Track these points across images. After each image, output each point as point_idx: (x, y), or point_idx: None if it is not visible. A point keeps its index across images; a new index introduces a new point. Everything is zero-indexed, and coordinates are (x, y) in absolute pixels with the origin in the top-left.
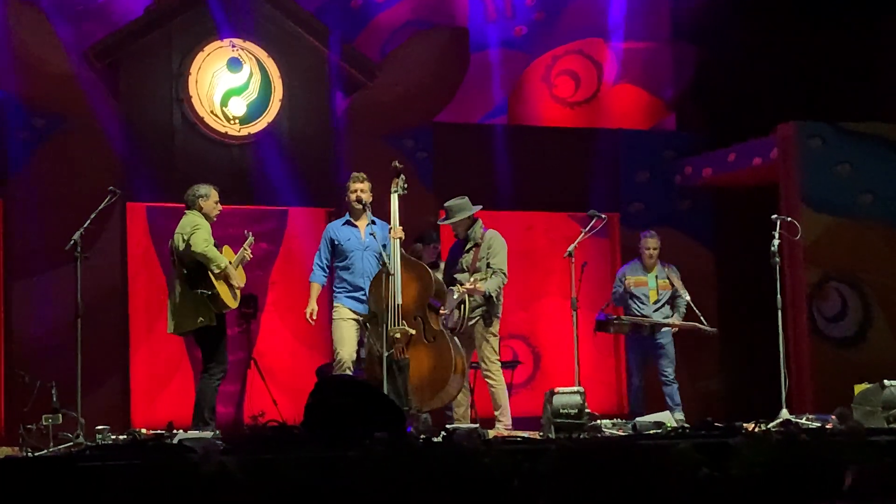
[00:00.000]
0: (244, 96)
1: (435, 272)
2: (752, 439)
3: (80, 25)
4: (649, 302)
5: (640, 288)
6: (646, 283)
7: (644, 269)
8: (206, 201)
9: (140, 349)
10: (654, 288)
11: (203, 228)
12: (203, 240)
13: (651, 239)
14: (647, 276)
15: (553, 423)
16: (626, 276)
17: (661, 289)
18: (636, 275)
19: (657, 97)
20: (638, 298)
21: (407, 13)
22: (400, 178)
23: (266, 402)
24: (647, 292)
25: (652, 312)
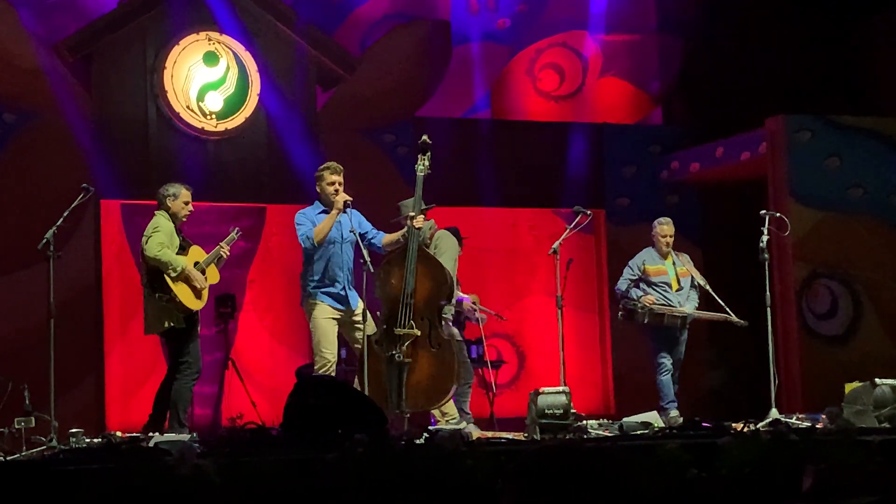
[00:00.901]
0: (221, 91)
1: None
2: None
3: (51, 19)
4: (672, 290)
5: (662, 276)
6: (666, 271)
7: (660, 256)
8: (174, 201)
9: (114, 350)
10: (673, 276)
11: (161, 231)
12: (157, 244)
13: (667, 226)
14: (665, 264)
15: (538, 423)
16: (644, 264)
17: (681, 276)
18: (655, 263)
19: (643, 91)
20: (660, 287)
21: (387, 6)
22: (426, 155)
23: (244, 404)
24: (669, 280)
25: (675, 301)
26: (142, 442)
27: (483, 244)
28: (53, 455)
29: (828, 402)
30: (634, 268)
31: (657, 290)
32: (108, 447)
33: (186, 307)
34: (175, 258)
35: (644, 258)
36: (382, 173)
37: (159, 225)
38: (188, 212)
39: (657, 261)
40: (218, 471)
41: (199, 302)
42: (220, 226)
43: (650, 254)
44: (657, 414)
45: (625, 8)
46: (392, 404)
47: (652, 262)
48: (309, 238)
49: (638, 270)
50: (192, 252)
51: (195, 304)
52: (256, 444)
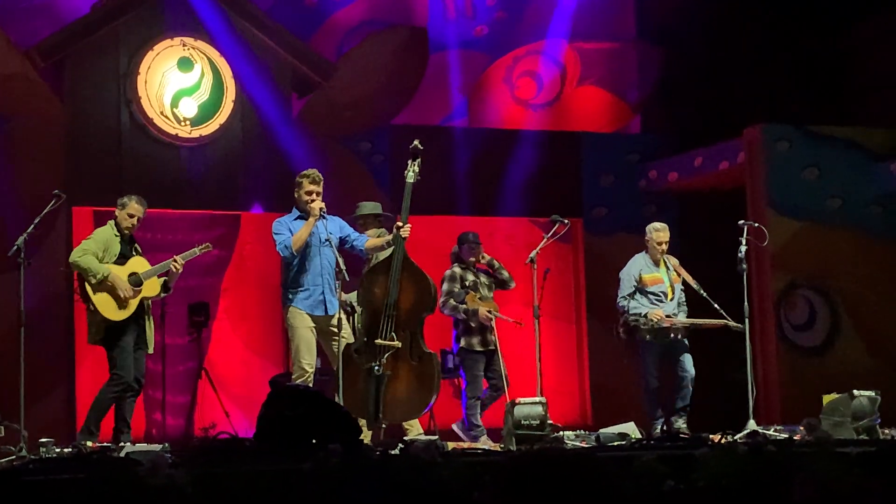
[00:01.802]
0: (195, 97)
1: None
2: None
3: (24, 23)
4: (667, 299)
5: (658, 285)
6: (662, 279)
7: (655, 263)
8: (120, 211)
9: (86, 359)
10: (668, 284)
11: (93, 238)
12: (80, 249)
13: (664, 232)
14: (660, 272)
15: (514, 434)
16: (641, 274)
17: (674, 282)
18: (651, 271)
19: (621, 99)
20: (655, 296)
21: (364, 12)
22: (416, 161)
23: (217, 414)
24: (665, 289)
25: (672, 310)
26: (112, 452)
27: None
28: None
29: (806, 413)
30: (630, 278)
31: (651, 301)
32: (78, 457)
33: (104, 317)
34: (96, 266)
35: (640, 266)
36: (358, 180)
37: (96, 232)
38: (131, 224)
39: (652, 269)
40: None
41: (122, 313)
42: (193, 233)
43: (644, 261)
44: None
45: (604, 16)
46: (369, 415)
47: (647, 270)
48: (287, 247)
49: (634, 281)
50: (132, 263)
51: (116, 314)
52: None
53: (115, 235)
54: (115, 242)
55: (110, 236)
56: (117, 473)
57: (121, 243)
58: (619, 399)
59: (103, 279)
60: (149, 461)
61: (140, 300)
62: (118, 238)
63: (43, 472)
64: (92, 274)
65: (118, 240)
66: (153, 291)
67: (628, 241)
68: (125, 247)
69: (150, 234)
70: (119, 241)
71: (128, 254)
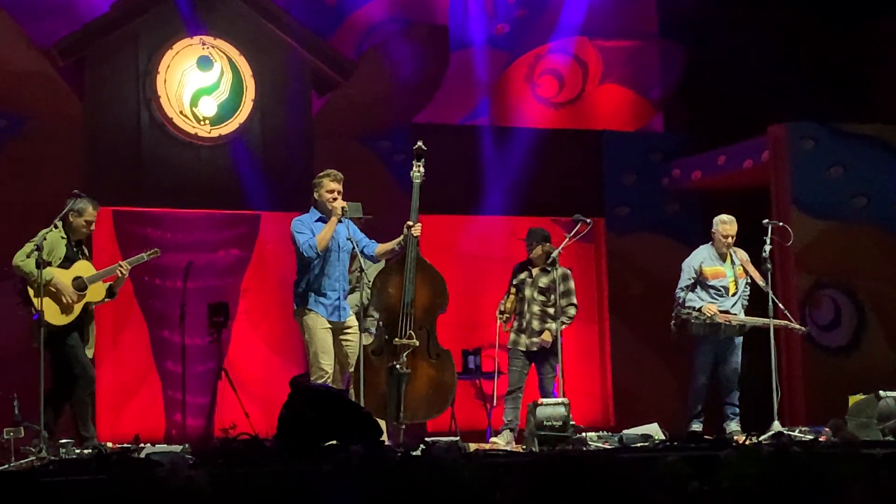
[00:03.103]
0: (215, 96)
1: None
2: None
3: (43, 23)
4: (728, 294)
5: (720, 279)
6: (724, 273)
7: (719, 256)
8: (76, 217)
9: (105, 360)
10: (732, 279)
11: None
12: (21, 253)
13: (730, 224)
14: (724, 266)
15: (536, 435)
16: (702, 265)
17: (739, 277)
18: (714, 264)
19: (644, 97)
20: (716, 291)
21: (384, 10)
22: (420, 161)
23: (237, 414)
24: (727, 284)
25: (731, 306)
26: (132, 453)
27: (481, 252)
28: (43, 466)
29: (831, 414)
30: (690, 270)
31: (712, 295)
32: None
33: (48, 322)
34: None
35: (701, 258)
36: (378, 180)
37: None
38: (85, 233)
39: (715, 261)
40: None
41: (65, 317)
42: (213, 233)
43: (708, 253)
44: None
45: (626, 14)
46: (390, 415)
47: (710, 262)
48: (312, 247)
49: (694, 273)
50: (76, 266)
51: (58, 318)
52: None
53: (62, 238)
54: (60, 245)
55: (56, 239)
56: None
57: (67, 246)
58: (642, 400)
59: (46, 283)
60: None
61: (84, 304)
62: (64, 241)
63: (62, 472)
64: (34, 278)
65: (64, 242)
66: (98, 296)
67: (651, 241)
68: (71, 250)
69: (170, 233)
70: (65, 244)
71: (73, 257)
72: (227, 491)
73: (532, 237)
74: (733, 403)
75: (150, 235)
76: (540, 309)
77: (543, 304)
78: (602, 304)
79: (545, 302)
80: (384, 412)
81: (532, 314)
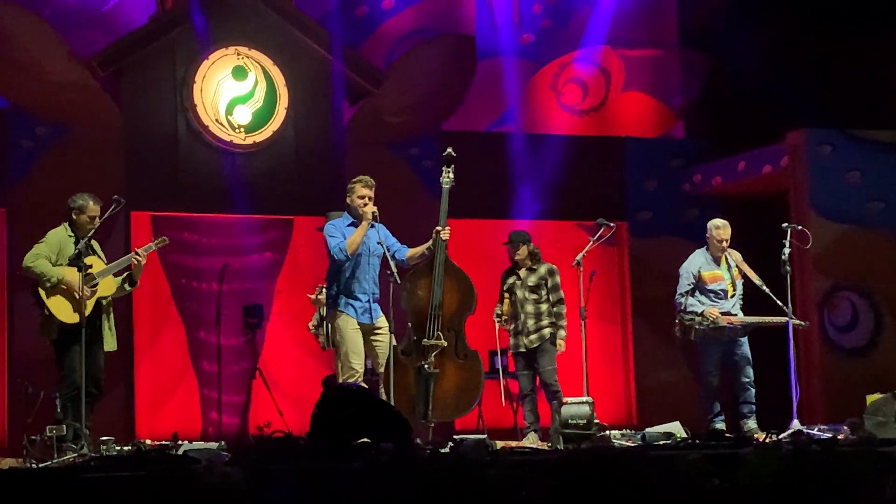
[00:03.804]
0: (249, 104)
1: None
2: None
3: (83, 34)
4: (727, 297)
5: (718, 283)
6: (722, 276)
7: (715, 260)
8: (79, 215)
9: (144, 360)
10: (729, 281)
11: (45, 243)
12: (32, 255)
13: (724, 229)
14: (721, 269)
15: (561, 433)
16: (700, 271)
17: (736, 279)
18: (711, 268)
19: (665, 105)
20: (715, 294)
21: (413, 21)
22: (450, 167)
23: (271, 413)
24: (725, 287)
25: (731, 308)
26: (170, 450)
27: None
28: (84, 462)
29: (849, 413)
30: (689, 275)
31: (711, 298)
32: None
33: (60, 321)
34: (48, 269)
35: (699, 264)
36: (408, 186)
37: (49, 235)
38: (91, 228)
39: (712, 265)
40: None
41: (77, 315)
42: (248, 237)
43: (704, 257)
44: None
45: (647, 23)
46: (418, 414)
47: (707, 267)
48: (342, 250)
49: (693, 278)
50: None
51: (71, 317)
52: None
53: (70, 236)
54: (68, 244)
55: (64, 238)
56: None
57: (75, 244)
58: (665, 399)
59: (57, 283)
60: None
61: (97, 300)
62: (72, 239)
63: (103, 469)
64: (46, 278)
65: (72, 240)
66: (109, 290)
67: (672, 244)
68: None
69: (206, 238)
70: (73, 242)
71: (83, 254)
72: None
73: (517, 239)
74: (750, 401)
75: (188, 239)
76: (533, 308)
77: (536, 301)
78: (625, 306)
79: (537, 300)
80: (413, 411)
81: (526, 314)
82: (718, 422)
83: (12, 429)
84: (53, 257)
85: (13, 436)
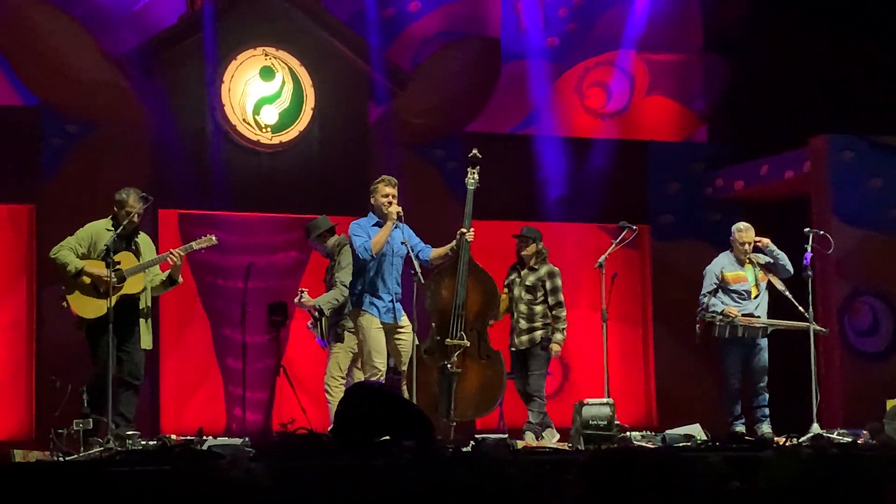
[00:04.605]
0: (276, 105)
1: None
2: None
3: (114, 33)
4: (751, 297)
5: (741, 284)
6: (745, 277)
7: (739, 262)
8: (119, 209)
9: (170, 356)
10: (753, 283)
11: (76, 235)
12: (58, 245)
13: (746, 232)
14: (745, 270)
15: (582, 434)
16: (723, 271)
17: (761, 281)
18: (734, 269)
19: (688, 109)
20: (738, 294)
21: (439, 24)
22: (475, 169)
23: (295, 410)
24: (749, 288)
25: (754, 309)
26: (195, 445)
27: None
28: (110, 456)
29: (869, 417)
30: (712, 276)
31: (734, 299)
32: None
33: (77, 315)
34: (71, 260)
35: (722, 264)
36: (432, 187)
37: (80, 229)
38: (131, 223)
39: (736, 266)
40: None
41: (96, 311)
42: (273, 236)
43: (728, 259)
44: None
45: (671, 28)
46: (441, 413)
47: (731, 268)
48: (367, 249)
49: (716, 278)
50: (117, 258)
51: (88, 312)
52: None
53: (108, 230)
54: (104, 238)
55: (99, 231)
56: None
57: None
58: (685, 401)
59: (78, 274)
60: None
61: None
62: (111, 233)
63: (128, 463)
64: (69, 269)
65: (110, 235)
66: (135, 288)
67: (694, 248)
68: (118, 242)
69: (232, 236)
70: (110, 236)
71: (117, 249)
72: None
73: (529, 234)
74: (763, 406)
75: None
76: (527, 308)
77: (530, 302)
78: (646, 308)
79: (532, 300)
80: (435, 410)
81: (519, 313)
82: (738, 424)
83: (40, 422)
84: (81, 249)
85: (40, 429)
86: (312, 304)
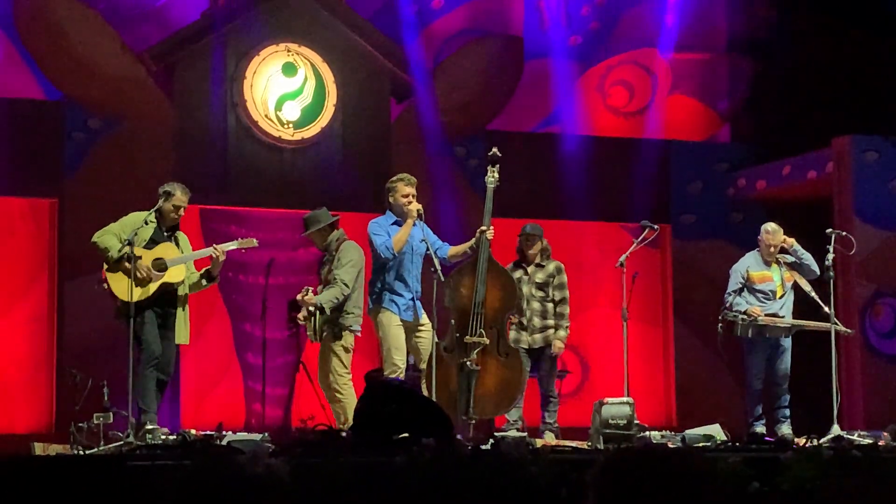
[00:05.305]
0: (298, 101)
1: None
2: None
3: (137, 28)
4: (776, 297)
5: (767, 283)
6: (771, 277)
7: (765, 262)
8: (165, 201)
9: (189, 350)
10: (779, 283)
11: (120, 222)
12: (103, 230)
13: (773, 234)
14: (770, 270)
15: (601, 433)
16: (749, 270)
17: (786, 281)
18: (760, 269)
19: (711, 109)
20: (763, 294)
21: (462, 21)
22: (496, 167)
23: (314, 406)
24: (774, 288)
25: (779, 309)
26: (215, 440)
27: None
28: (130, 450)
29: (890, 419)
30: (738, 275)
31: (759, 299)
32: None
33: (117, 297)
34: (113, 244)
35: (748, 263)
36: (454, 185)
37: (128, 216)
38: (175, 216)
39: (762, 266)
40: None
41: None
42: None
43: (755, 258)
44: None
45: (696, 28)
46: (460, 411)
47: (756, 267)
48: (388, 248)
49: (741, 277)
50: (159, 248)
51: (127, 295)
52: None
53: (151, 222)
54: (146, 230)
55: (136, 222)
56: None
57: (156, 230)
58: (704, 401)
59: (119, 258)
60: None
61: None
62: (153, 224)
63: (148, 457)
64: (109, 253)
65: (152, 226)
66: (176, 277)
67: (715, 248)
68: (159, 233)
69: (253, 232)
70: (154, 227)
71: (159, 240)
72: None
73: (535, 232)
74: (784, 407)
75: (235, 233)
76: (540, 305)
77: (542, 299)
78: (667, 308)
79: (544, 297)
80: (454, 408)
81: (532, 311)
82: (759, 425)
83: (60, 416)
84: (123, 236)
85: (61, 423)
86: (314, 302)
